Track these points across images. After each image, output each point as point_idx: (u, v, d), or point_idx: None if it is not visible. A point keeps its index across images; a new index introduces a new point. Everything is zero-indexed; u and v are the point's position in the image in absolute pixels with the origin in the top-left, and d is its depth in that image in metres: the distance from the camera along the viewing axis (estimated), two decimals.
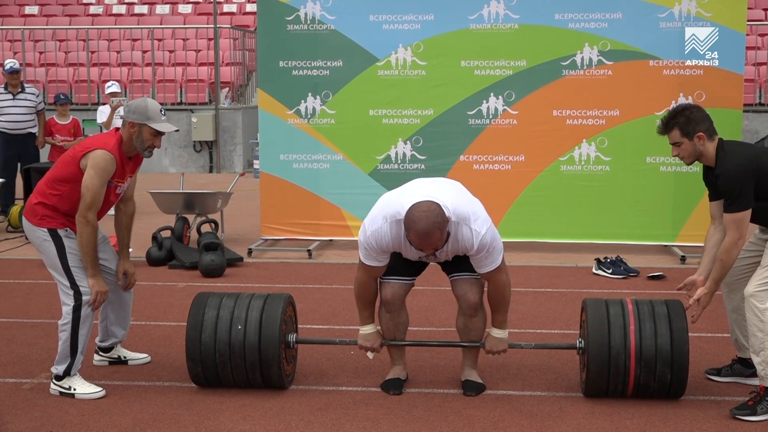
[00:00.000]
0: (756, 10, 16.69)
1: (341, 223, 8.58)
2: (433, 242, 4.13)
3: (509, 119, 8.39)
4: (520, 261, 7.96)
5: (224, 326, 4.61)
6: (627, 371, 4.44)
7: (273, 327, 4.58)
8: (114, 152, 4.60)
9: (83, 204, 4.57)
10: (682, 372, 4.43)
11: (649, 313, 4.51)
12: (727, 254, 4.41)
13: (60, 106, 10.79)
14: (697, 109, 4.54)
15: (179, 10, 19.11)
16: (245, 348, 4.57)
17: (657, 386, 4.46)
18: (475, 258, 4.35)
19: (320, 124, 8.53)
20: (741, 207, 4.35)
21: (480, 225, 4.25)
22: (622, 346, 4.42)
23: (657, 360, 4.41)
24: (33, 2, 19.79)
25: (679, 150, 4.53)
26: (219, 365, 4.61)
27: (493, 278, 4.42)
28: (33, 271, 7.61)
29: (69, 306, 4.61)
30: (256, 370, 4.60)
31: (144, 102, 4.72)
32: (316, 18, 8.44)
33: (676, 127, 4.49)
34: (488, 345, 4.60)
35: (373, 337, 4.63)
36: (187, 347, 4.63)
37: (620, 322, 4.48)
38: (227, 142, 16.01)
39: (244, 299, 4.72)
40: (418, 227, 4.07)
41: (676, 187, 8.26)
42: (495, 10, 8.32)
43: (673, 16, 8.14)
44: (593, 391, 4.56)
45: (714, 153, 4.47)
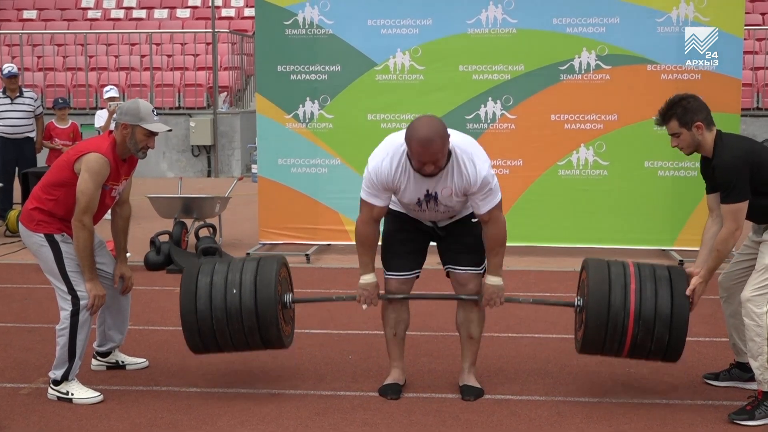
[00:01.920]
0: (753, 15, 16.71)
1: (339, 227, 8.58)
2: (434, 151, 4.16)
3: (507, 124, 8.40)
4: (518, 265, 7.96)
5: (219, 292, 4.53)
6: (625, 329, 4.37)
7: (268, 288, 4.51)
8: (107, 155, 4.59)
9: (78, 208, 4.56)
10: (680, 335, 4.37)
11: (651, 275, 4.47)
12: (724, 245, 4.39)
13: (59, 111, 10.79)
14: (694, 99, 4.54)
15: (177, 14, 19.12)
16: (242, 312, 4.49)
17: (654, 347, 4.40)
18: (476, 196, 4.37)
19: (318, 128, 8.54)
20: (738, 198, 4.34)
21: (482, 161, 4.35)
22: (621, 304, 4.37)
23: (656, 321, 4.35)
24: (31, 7, 19.80)
25: (678, 141, 4.53)
26: (217, 332, 4.54)
27: (492, 217, 4.43)
28: (31, 275, 7.60)
29: (67, 311, 4.61)
30: (254, 333, 4.53)
31: (136, 103, 4.72)
32: (315, 22, 8.45)
33: (674, 118, 4.49)
34: (486, 295, 4.57)
35: (371, 287, 4.59)
36: (183, 318, 4.56)
37: (621, 281, 4.43)
38: (225, 147, 16.00)
39: (237, 263, 4.65)
40: (420, 134, 4.13)
41: (673, 191, 8.27)
42: (493, 14, 8.33)
43: (671, 20, 8.15)
44: (589, 348, 4.52)
45: (712, 143, 4.46)
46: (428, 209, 4.50)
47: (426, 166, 4.23)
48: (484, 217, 4.44)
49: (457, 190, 4.38)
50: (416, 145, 4.16)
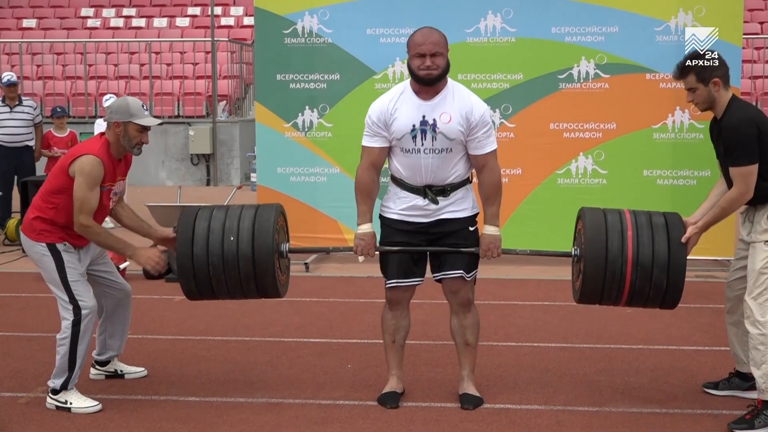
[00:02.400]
0: (752, 24, 16.76)
1: (339, 236, 8.58)
2: (434, 41, 4.39)
3: (506, 132, 8.41)
4: (517, 274, 7.96)
5: (216, 238, 4.48)
6: (623, 276, 4.36)
7: (266, 236, 4.47)
8: (101, 156, 4.59)
9: (75, 211, 4.57)
10: (678, 279, 4.35)
11: (647, 222, 4.46)
12: (730, 203, 4.37)
13: (57, 119, 10.80)
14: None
15: (177, 23, 19.15)
16: (239, 259, 4.45)
17: (652, 292, 4.38)
18: (477, 132, 4.43)
19: (317, 137, 8.54)
20: (748, 160, 4.29)
21: (481, 101, 4.52)
22: (619, 250, 4.36)
23: (653, 265, 4.34)
24: (30, 15, 19.83)
25: (693, 96, 4.50)
26: (213, 278, 4.50)
27: (489, 162, 4.50)
28: (30, 284, 7.60)
29: (68, 321, 4.60)
30: (250, 281, 4.50)
31: (125, 100, 4.73)
32: (314, 31, 8.46)
33: (692, 72, 4.48)
34: (483, 245, 4.56)
35: (368, 237, 4.58)
36: (179, 264, 4.52)
37: (618, 227, 4.43)
38: (224, 155, 16.01)
39: (235, 210, 4.61)
40: (421, 29, 4.45)
41: (672, 200, 8.26)
42: (492, 23, 8.34)
43: (670, 29, 8.17)
44: (588, 296, 4.51)
45: (725, 102, 4.43)
46: (424, 150, 4.46)
47: (425, 59, 4.38)
48: (481, 161, 4.49)
49: (457, 117, 4.41)
50: (417, 36, 4.42)
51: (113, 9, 19.78)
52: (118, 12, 19.65)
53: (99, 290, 4.87)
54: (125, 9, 19.73)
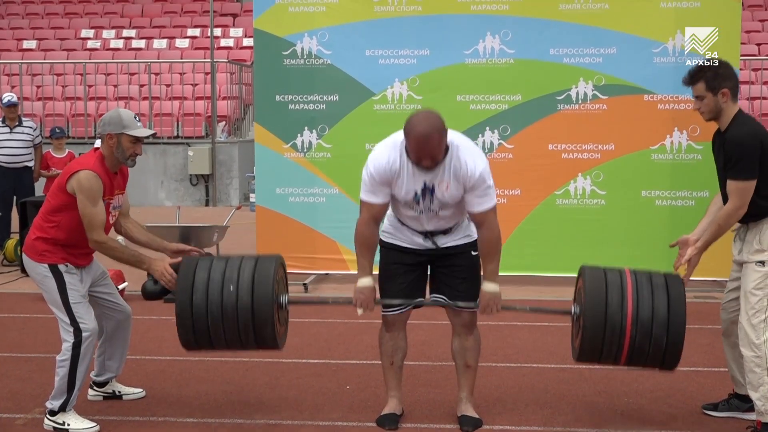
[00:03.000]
0: (749, 45, 16.82)
1: (337, 256, 8.57)
2: (431, 148, 4.20)
3: (505, 153, 8.42)
4: (516, 295, 7.94)
5: (216, 287, 4.49)
6: (623, 332, 4.33)
7: (266, 286, 4.47)
8: (96, 170, 4.60)
9: (86, 230, 4.59)
10: (678, 337, 4.33)
11: (647, 281, 4.45)
12: (726, 219, 4.37)
13: (56, 140, 10.82)
14: (725, 66, 4.51)
15: (176, 44, 19.22)
16: (238, 308, 4.44)
17: (652, 351, 4.35)
18: (472, 193, 4.36)
19: (316, 157, 8.56)
20: (747, 175, 4.30)
21: (480, 159, 4.38)
22: (619, 305, 4.34)
23: (653, 323, 4.32)
24: (31, 37, 19.90)
25: (700, 104, 4.49)
26: (211, 328, 4.48)
27: (488, 219, 4.41)
28: (28, 305, 7.58)
29: (69, 342, 4.58)
30: (249, 331, 4.48)
31: (117, 112, 4.75)
32: (313, 52, 8.49)
33: (702, 80, 4.46)
34: (482, 302, 4.51)
35: (368, 291, 4.53)
36: (177, 311, 4.51)
37: (617, 284, 4.42)
38: (224, 176, 16.03)
39: (235, 261, 4.61)
40: (418, 130, 4.16)
41: (671, 220, 8.27)
42: (490, 45, 8.38)
43: (667, 51, 8.20)
44: (587, 353, 4.47)
45: (731, 115, 4.43)
46: (424, 210, 4.47)
47: (423, 160, 4.27)
48: (478, 218, 4.43)
49: (454, 185, 4.38)
50: (414, 141, 4.21)
51: (113, 30, 19.85)
52: (118, 33, 19.72)
53: (99, 311, 4.86)
54: (125, 30, 19.81)
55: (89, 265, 4.79)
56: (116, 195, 4.77)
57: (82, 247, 4.73)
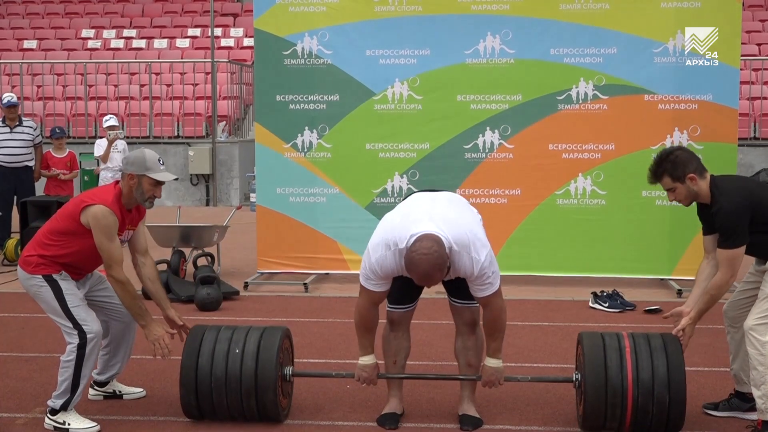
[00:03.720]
0: (750, 45, 16.82)
1: (338, 256, 8.58)
2: (434, 281, 4.20)
3: (505, 153, 8.42)
4: (516, 295, 7.95)
5: (221, 354, 4.57)
6: (624, 403, 4.39)
7: (270, 355, 4.55)
8: (113, 207, 4.60)
9: (105, 266, 4.62)
10: (680, 394, 4.37)
11: (646, 346, 4.50)
12: (718, 290, 4.42)
13: (56, 140, 10.83)
14: (682, 151, 4.57)
15: (177, 44, 19.23)
16: (242, 374, 4.52)
17: (656, 410, 4.39)
18: (473, 284, 4.35)
19: (317, 157, 8.55)
20: (736, 244, 4.36)
21: (479, 252, 4.26)
22: (618, 377, 4.39)
23: (654, 390, 4.37)
24: (31, 36, 19.90)
25: (674, 195, 4.55)
26: (214, 392, 4.55)
27: (490, 303, 4.41)
28: (28, 304, 7.55)
29: (74, 344, 4.58)
30: (251, 398, 4.54)
31: (142, 153, 4.72)
32: (313, 52, 8.49)
33: (665, 174, 4.51)
34: (484, 376, 4.57)
35: (370, 368, 4.59)
36: (182, 375, 4.58)
37: (617, 354, 4.46)
38: (224, 176, 16.03)
39: (242, 330, 4.71)
40: (419, 270, 4.11)
41: (672, 220, 8.27)
42: (491, 45, 8.37)
43: (668, 51, 8.20)
44: (591, 425, 4.52)
45: (708, 190, 4.48)
46: None
47: (427, 286, 4.35)
48: (482, 302, 4.44)
49: (457, 275, 4.39)
50: (416, 278, 4.18)
51: (114, 30, 19.86)
52: (119, 33, 19.73)
53: (105, 315, 4.87)
54: (126, 30, 19.81)
55: (85, 278, 4.82)
56: (126, 230, 4.77)
57: (82, 269, 4.75)
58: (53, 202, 9.32)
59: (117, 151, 10.92)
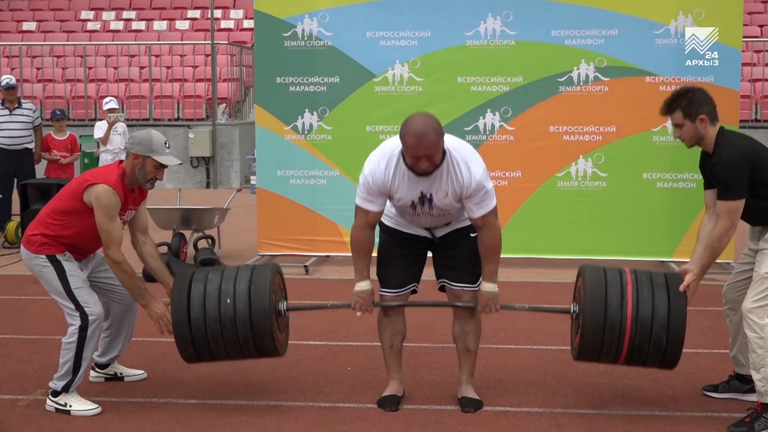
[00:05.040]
0: (752, 27, 16.76)
1: (338, 239, 8.58)
2: (428, 145, 4.16)
3: (506, 135, 8.41)
4: (516, 277, 7.96)
5: (212, 301, 4.49)
6: (622, 331, 4.34)
7: (263, 298, 4.48)
8: (116, 187, 4.59)
9: (104, 245, 4.61)
10: (678, 337, 4.34)
11: (648, 280, 4.45)
12: (718, 242, 4.38)
13: (56, 122, 10.81)
14: (701, 92, 4.51)
15: (177, 26, 19.16)
16: (236, 322, 4.46)
17: (652, 350, 4.36)
18: (470, 200, 4.35)
19: (317, 140, 8.54)
20: (735, 196, 4.32)
21: (477, 164, 4.32)
22: (618, 305, 4.34)
23: (653, 322, 4.33)
24: (30, 18, 19.83)
25: (680, 132, 4.50)
26: (211, 342, 4.50)
27: (487, 222, 4.40)
28: (29, 287, 7.59)
29: (75, 326, 4.59)
30: (249, 343, 4.51)
31: (149, 134, 4.71)
32: (313, 34, 8.46)
33: (678, 109, 4.46)
34: (481, 301, 4.54)
35: (366, 294, 4.57)
36: (176, 330, 4.53)
37: (617, 283, 4.42)
38: (224, 158, 16.02)
39: (230, 272, 4.62)
40: (414, 128, 4.15)
41: (672, 203, 8.27)
42: (491, 26, 8.35)
43: (669, 32, 8.17)
44: (586, 353, 4.49)
45: (714, 138, 4.44)
46: (422, 213, 4.48)
47: (420, 161, 4.22)
48: (478, 222, 4.42)
49: (452, 192, 4.36)
50: (410, 139, 4.16)
51: (113, 12, 19.78)
52: (118, 15, 19.66)
53: (106, 297, 4.88)
54: (125, 12, 19.74)
55: (88, 258, 4.82)
56: (129, 210, 4.76)
57: (85, 249, 4.75)
58: (53, 185, 9.31)
59: (117, 133, 10.91)
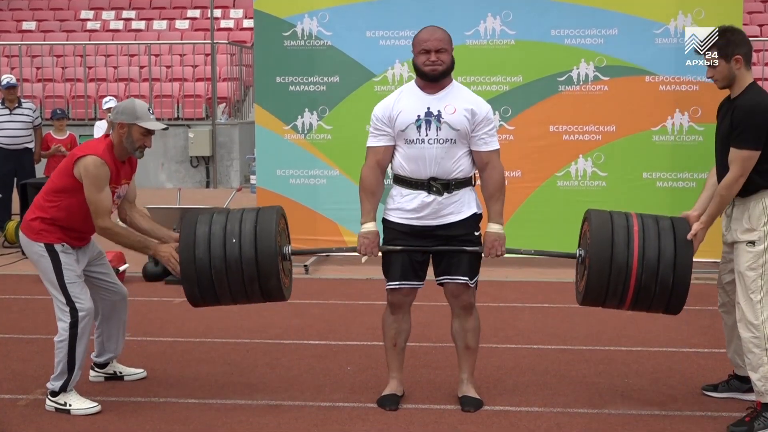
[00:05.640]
0: (751, 26, 16.76)
1: (338, 238, 8.58)
2: (439, 37, 4.53)
3: (506, 135, 8.40)
4: (517, 276, 7.96)
5: (218, 241, 4.45)
6: (629, 271, 4.32)
7: (269, 238, 4.44)
8: (105, 157, 4.58)
9: (92, 216, 4.59)
10: (684, 277, 4.33)
11: (654, 222, 4.45)
12: (728, 190, 4.32)
13: (56, 121, 10.81)
14: (738, 33, 4.47)
15: (176, 26, 19.15)
16: (242, 261, 4.42)
17: (658, 290, 4.34)
18: (481, 129, 4.49)
19: (317, 139, 8.55)
20: (750, 145, 4.25)
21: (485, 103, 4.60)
22: (624, 254, 4.33)
23: (660, 263, 4.31)
24: (30, 18, 19.83)
25: (714, 71, 4.46)
26: (216, 282, 4.46)
27: (492, 159, 4.52)
28: (29, 286, 7.60)
29: (65, 323, 4.59)
30: (254, 283, 4.47)
31: (132, 102, 4.72)
32: (313, 34, 8.47)
33: (715, 47, 4.44)
34: (487, 243, 4.53)
35: (372, 235, 4.55)
36: (182, 268, 4.49)
37: (623, 224, 4.42)
38: (224, 158, 16.01)
39: (236, 213, 4.58)
40: (426, 27, 4.58)
41: (672, 202, 8.26)
42: (491, 26, 8.35)
43: (669, 32, 8.17)
44: (592, 296, 4.46)
45: (745, 82, 4.39)
46: (428, 142, 4.46)
47: (431, 55, 4.50)
48: (484, 158, 4.50)
49: (463, 110, 4.47)
50: (422, 33, 4.54)
51: (113, 11, 19.77)
52: (118, 14, 19.64)
53: (95, 292, 4.86)
54: (125, 12, 19.73)
55: (86, 246, 4.80)
56: (122, 184, 4.76)
57: (81, 231, 4.74)
58: None
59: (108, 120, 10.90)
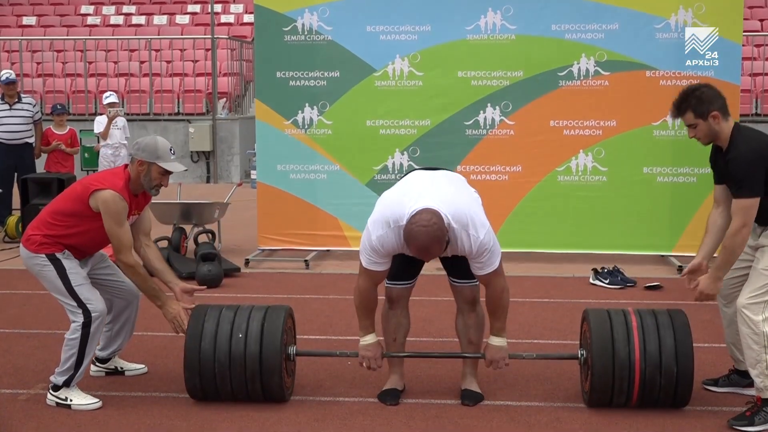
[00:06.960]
0: (752, 21, 16.74)
1: (338, 233, 8.58)
2: (432, 254, 4.19)
3: (506, 130, 8.40)
4: (517, 271, 7.96)
5: (224, 336, 4.55)
6: (632, 376, 4.40)
7: (275, 337, 4.54)
8: (123, 192, 4.60)
9: (115, 251, 4.63)
10: (687, 366, 4.39)
11: (652, 320, 4.51)
12: (732, 240, 4.32)
13: (57, 116, 10.80)
14: (708, 88, 4.46)
15: (177, 20, 19.14)
16: (246, 357, 4.51)
17: (664, 383, 4.41)
18: (473, 261, 4.35)
19: (317, 134, 8.54)
20: (751, 193, 4.27)
21: (478, 230, 4.24)
22: (626, 350, 4.40)
23: (662, 362, 4.38)
24: (30, 13, 19.81)
25: (695, 132, 4.45)
26: (218, 376, 4.55)
27: (491, 282, 4.40)
28: (29, 281, 7.54)
29: (78, 322, 4.59)
30: (256, 381, 4.55)
31: (154, 140, 4.71)
32: (314, 29, 8.46)
33: (689, 110, 4.42)
34: (488, 355, 4.57)
35: (373, 347, 4.59)
36: (186, 357, 4.58)
37: (623, 328, 4.46)
38: (224, 153, 16.01)
39: (245, 310, 4.69)
40: (418, 242, 4.09)
41: (673, 197, 8.27)
42: (492, 20, 8.34)
43: (670, 27, 8.16)
44: (598, 400, 4.54)
45: (729, 133, 4.39)
46: None
47: (426, 260, 4.37)
48: (483, 280, 4.43)
49: (455, 254, 4.40)
50: (415, 251, 4.17)
51: (113, 6, 19.77)
52: (118, 9, 19.64)
53: (108, 293, 4.88)
54: (125, 6, 19.72)
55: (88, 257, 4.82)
56: (132, 215, 4.77)
57: (85, 251, 4.76)
58: (54, 179, 9.33)
59: (117, 128, 10.90)
